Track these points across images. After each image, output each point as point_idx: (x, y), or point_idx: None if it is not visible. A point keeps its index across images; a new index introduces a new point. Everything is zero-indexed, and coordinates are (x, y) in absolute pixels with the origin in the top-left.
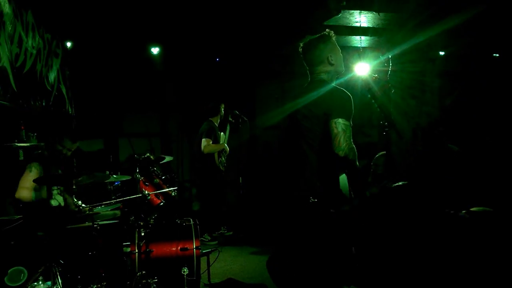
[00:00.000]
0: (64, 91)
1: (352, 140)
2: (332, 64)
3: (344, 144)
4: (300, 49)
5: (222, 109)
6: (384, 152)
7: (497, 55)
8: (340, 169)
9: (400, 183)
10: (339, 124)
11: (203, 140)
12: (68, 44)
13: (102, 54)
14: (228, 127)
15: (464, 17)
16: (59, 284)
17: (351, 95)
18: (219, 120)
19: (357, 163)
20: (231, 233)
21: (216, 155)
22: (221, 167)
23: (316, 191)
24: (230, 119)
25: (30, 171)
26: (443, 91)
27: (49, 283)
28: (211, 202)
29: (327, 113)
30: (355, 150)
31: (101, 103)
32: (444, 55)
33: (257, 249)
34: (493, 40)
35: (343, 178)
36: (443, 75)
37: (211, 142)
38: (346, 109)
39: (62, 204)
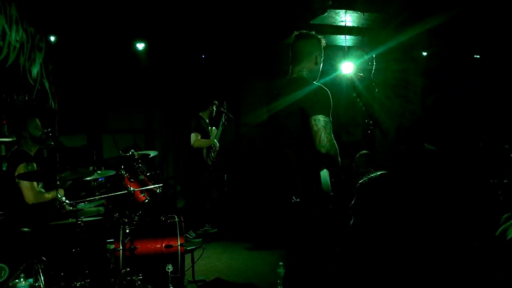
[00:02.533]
0: (47, 85)
1: (333, 136)
2: (317, 64)
3: (326, 141)
4: (294, 35)
5: (214, 105)
6: (365, 151)
7: (478, 56)
8: (322, 166)
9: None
10: (319, 121)
11: (192, 134)
12: (52, 39)
13: (87, 48)
14: (221, 123)
15: (444, 18)
16: (41, 282)
17: (337, 93)
18: (208, 116)
19: (339, 158)
20: (215, 230)
21: (204, 150)
22: (209, 162)
23: (298, 190)
24: (224, 115)
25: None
26: (426, 90)
27: (31, 280)
28: (196, 199)
29: (305, 110)
30: (336, 145)
31: (85, 98)
32: (426, 55)
33: (242, 246)
34: (474, 41)
35: (324, 174)
36: (426, 74)
37: (199, 137)
38: (324, 104)
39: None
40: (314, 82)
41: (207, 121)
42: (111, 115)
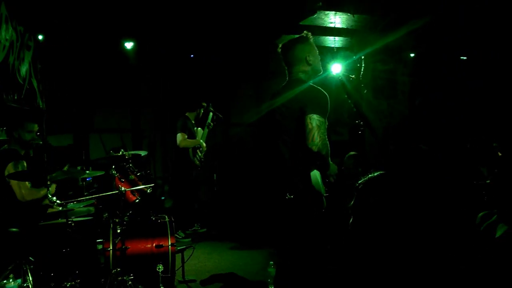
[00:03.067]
0: (35, 84)
1: (326, 136)
2: (310, 64)
3: (318, 139)
4: (279, 50)
5: (203, 108)
6: (354, 152)
7: (465, 58)
8: (313, 165)
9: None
10: (314, 120)
11: (178, 134)
12: (40, 37)
13: (74, 47)
14: (207, 124)
15: (430, 19)
16: (30, 282)
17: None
18: (195, 117)
19: (329, 159)
20: (204, 229)
21: (191, 151)
22: (196, 162)
23: (292, 187)
24: (212, 115)
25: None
26: (414, 91)
27: (19, 281)
28: (183, 199)
29: (302, 109)
30: (329, 146)
31: (71, 98)
32: (414, 56)
33: (231, 246)
34: (461, 42)
35: (315, 174)
36: (413, 75)
37: (186, 137)
38: (321, 106)
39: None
40: (312, 83)
41: (193, 122)
42: (97, 115)
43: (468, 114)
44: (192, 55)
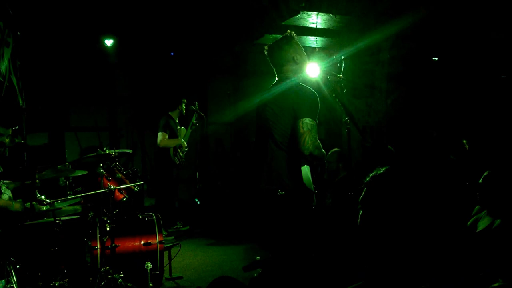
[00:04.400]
0: (15, 82)
1: (317, 138)
2: (297, 63)
3: (309, 143)
4: (266, 52)
5: (184, 104)
6: (337, 149)
7: (436, 58)
8: (303, 162)
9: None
10: (306, 124)
11: (159, 134)
12: (18, 33)
13: (51, 44)
14: (191, 124)
15: (405, 22)
16: (14, 282)
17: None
18: (178, 115)
19: (323, 150)
20: (187, 227)
21: (172, 150)
22: (176, 161)
23: (284, 184)
24: (195, 115)
25: None
26: (390, 91)
27: (3, 281)
28: (164, 197)
29: (294, 111)
30: (320, 145)
31: (47, 95)
32: (389, 57)
33: (215, 242)
34: (433, 44)
35: (305, 170)
36: (390, 76)
37: (167, 137)
38: (312, 108)
39: (11, 197)
40: (303, 83)
41: (177, 120)
42: (74, 113)
43: (437, 112)
44: (172, 53)
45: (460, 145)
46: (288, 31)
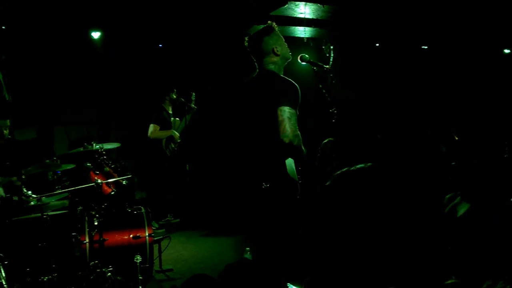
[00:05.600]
0: (0, 77)
1: (297, 127)
2: (278, 55)
3: (289, 131)
4: (246, 43)
5: (174, 95)
6: (331, 138)
7: (426, 47)
8: (287, 154)
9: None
10: (285, 112)
11: (150, 125)
12: (3, 27)
13: (38, 37)
14: (187, 115)
15: (394, 11)
16: (3, 278)
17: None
18: (171, 106)
19: (303, 147)
20: (178, 220)
21: (164, 141)
22: (167, 153)
23: (268, 176)
24: (186, 106)
25: None
26: (381, 82)
27: None
28: (155, 190)
29: (274, 101)
30: (300, 136)
31: (35, 90)
32: (378, 46)
33: (206, 234)
34: (423, 32)
35: (289, 162)
36: (380, 66)
37: (158, 128)
38: (292, 97)
39: (4, 195)
40: (282, 75)
41: (170, 112)
42: (62, 107)
43: (426, 103)
44: (160, 45)
45: (449, 136)
46: (269, 22)
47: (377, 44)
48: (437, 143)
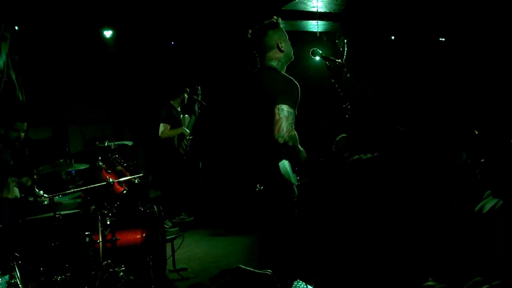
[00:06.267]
0: (14, 77)
1: (293, 127)
2: (282, 51)
3: (285, 131)
4: (249, 35)
5: (186, 94)
6: (344, 135)
7: (443, 39)
8: (281, 155)
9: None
10: (282, 111)
11: (161, 125)
12: (16, 28)
13: (51, 37)
14: (196, 111)
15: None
16: (18, 278)
17: (307, 79)
18: (180, 104)
19: (300, 148)
20: (192, 218)
21: (176, 139)
22: (181, 151)
23: (262, 178)
24: (197, 103)
25: None
26: (395, 75)
27: (6, 277)
28: (170, 188)
29: (272, 99)
30: (296, 136)
31: (50, 89)
32: (395, 39)
33: (220, 233)
34: (440, 24)
35: (283, 164)
36: (396, 59)
37: (169, 127)
38: (291, 96)
39: (18, 196)
40: (284, 72)
41: (179, 109)
42: (77, 106)
43: (449, 96)
44: (172, 42)
45: (470, 131)
46: (275, 17)
47: (393, 37)
48: (458, 148)
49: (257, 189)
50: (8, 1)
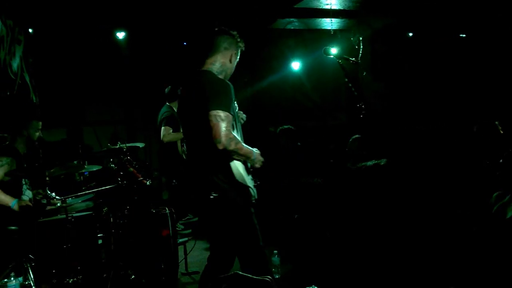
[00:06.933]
0: (27, 79)
1: (231, 130)
2: (231, 62)
3: (222, 135)
4: (216, 29)
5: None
6: (358, 135)
7: (464, 35)
8: (227, 160)
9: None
10: (216, 116)
11: (162, 128)
12: (30, 30)
13: (64, 39)
14: None
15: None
16: (31, 280)
17: (322, 77)
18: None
19: (245, 147)
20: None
21: (179, 143)
22: (184, 156)
23: (215, 185)
24: None
25: (1, 165)
26: (413, 72)
27: (20, 279)
28: (177, 190)
29: (205, 104)
30: (235, 137)
31: (64, 90)
32: (412, 36)
33: None
34: (460, 20)
35: (235, 165)
36: (413, 56)
37: (171, 131)
38: (225, 99)
39: (32, 198)
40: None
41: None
42: (90, 107)
43: (468, 93)
44: (185, 43)
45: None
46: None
47: (410, 34)
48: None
49: (212, 197)
50: (21, 5)
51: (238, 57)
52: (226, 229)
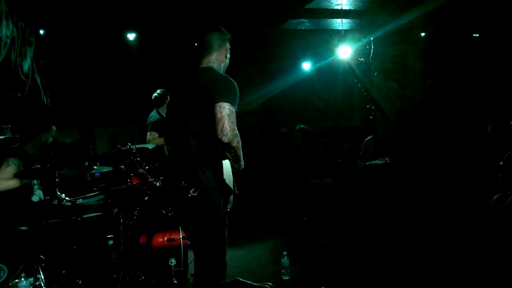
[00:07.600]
0: (38, 80)
1: (236, 127)
2: (226, 57)
3: (228, 129)
4: (210, 25)
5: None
6: (372, 136)
7: (477, 35)
8: (224, 156)
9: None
10: (224, 109)
11: (148, 133)
12: (41, 32)
13: (75, 41)
14: None
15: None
16: (42, 280)
17: (334, 78)
18: (165, 110)
19: (241, 150)
20: None
21: (165, 149)
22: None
23: (199, 181)
24: None
25: (8, 165)
26: (425, 72)
27: (31, 279)
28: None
29: (212, 96)
30: (239, 137)
31: (76, 92)
32: (424, 36)
33: (242, 238)
34: (473, 20)
35: (226, 164)
36: (424, 57)
37: (157, 136)
38: (232, 94)
39: (42, 198)
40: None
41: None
42: (102, 108)
43: (482, 94)
44: (196, 44)
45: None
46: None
47: (422, 34)
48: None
49: (189, 195)
50: (33, 6)
51: (228, 55)
52: (197, 230)
